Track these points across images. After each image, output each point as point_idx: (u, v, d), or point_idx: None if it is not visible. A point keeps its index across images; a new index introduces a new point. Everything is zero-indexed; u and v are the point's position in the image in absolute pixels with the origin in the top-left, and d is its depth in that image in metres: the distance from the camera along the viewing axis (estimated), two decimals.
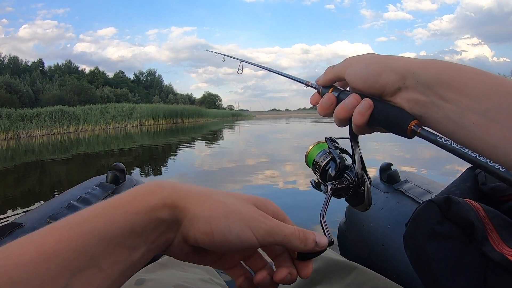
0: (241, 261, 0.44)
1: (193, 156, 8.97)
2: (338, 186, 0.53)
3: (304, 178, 4.89)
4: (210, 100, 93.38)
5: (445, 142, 0.38)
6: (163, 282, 0.75)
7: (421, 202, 0.69)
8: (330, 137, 0.60)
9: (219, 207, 0.37)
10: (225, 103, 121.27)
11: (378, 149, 7.77)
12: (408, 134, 0.43)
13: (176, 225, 0.36)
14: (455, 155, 0.37)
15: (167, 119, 32.94)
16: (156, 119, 31.58)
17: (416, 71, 0.42)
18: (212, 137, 15.31)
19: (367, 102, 0.46)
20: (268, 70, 0.84)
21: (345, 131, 0.54)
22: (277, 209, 0.42)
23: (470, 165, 0.80)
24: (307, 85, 0.61)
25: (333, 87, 0.53)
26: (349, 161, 0.57)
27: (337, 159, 0.56)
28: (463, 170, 0.85)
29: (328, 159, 0.58)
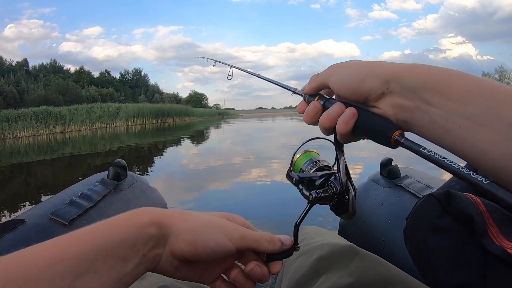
0: (222, 274, 0.50)
1: (180, 155, 8.92)
2: (323, 194, 0.53)
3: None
4: (197, 99, 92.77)
5: (428, 153, 0.37)
6: (149, 283, 0.73)
7: (421, 197, 0.70)
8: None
9: (198, 221, 0.45)
10: (211, 102, 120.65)
11: (371, 147, 7.81)
12: (391, 144, 0.42)
13: (163, 241, 0.43)
14: (438, 166, 0.36)
15: (153, 119, 32.65)
16: (143, 118, 31.27)
17: (400, 75, 0.41)
18: (200, 137, 15.24)
19: (351, 111, 0.45)
20: (257, 77, 0.84)
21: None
22: (245, 221, 0.51)
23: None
24: (294, 92, 0.61)
25: (319, 95, 0.52)
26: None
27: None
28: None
29: (314, 169, 0.59)
